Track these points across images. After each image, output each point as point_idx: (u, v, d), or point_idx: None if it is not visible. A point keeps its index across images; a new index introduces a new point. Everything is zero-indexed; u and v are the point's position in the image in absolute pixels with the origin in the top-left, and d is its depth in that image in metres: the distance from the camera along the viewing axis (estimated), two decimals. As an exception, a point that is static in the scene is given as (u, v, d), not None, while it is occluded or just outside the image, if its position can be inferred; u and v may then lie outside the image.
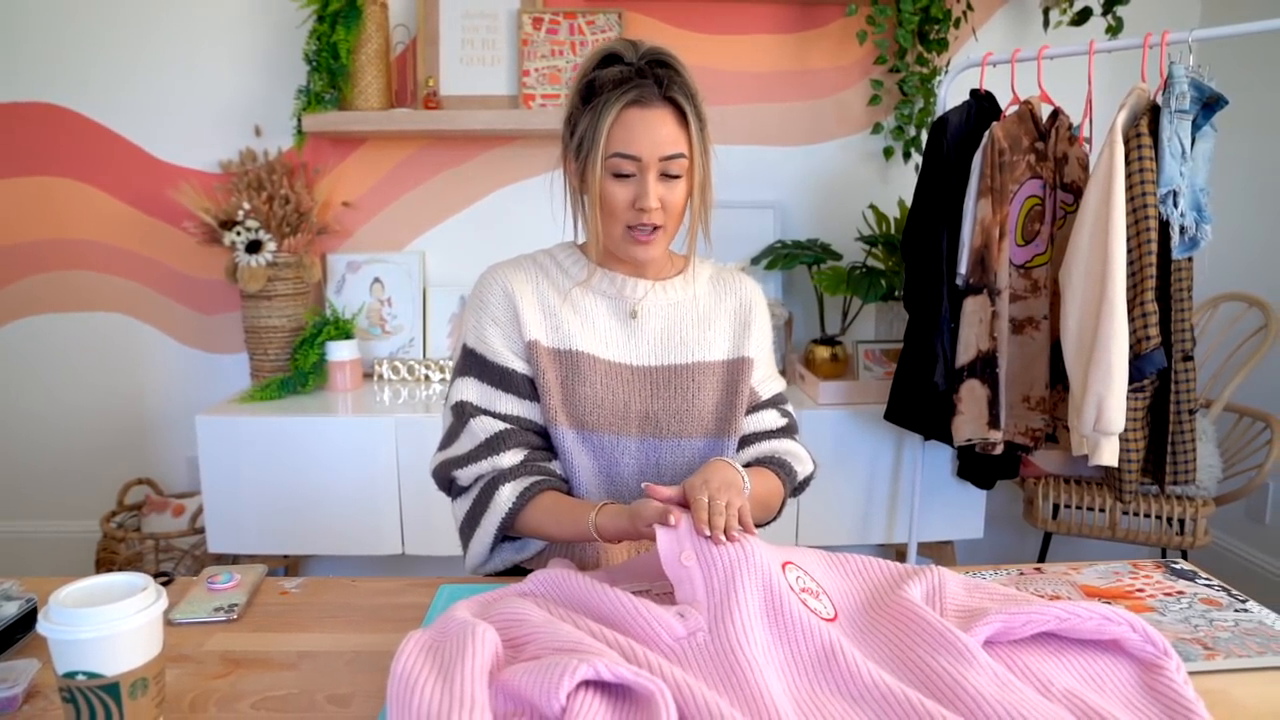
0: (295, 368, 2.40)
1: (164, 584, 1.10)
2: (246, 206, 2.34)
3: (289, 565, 2.62)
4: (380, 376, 2.53)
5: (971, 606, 0.91)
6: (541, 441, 1.20)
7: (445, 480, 1.22)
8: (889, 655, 0.86)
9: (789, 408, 1.31)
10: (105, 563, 2.36)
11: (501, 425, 1.17)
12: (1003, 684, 0.78)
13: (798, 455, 1.26)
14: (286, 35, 2.49)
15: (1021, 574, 1.10)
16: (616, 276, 1.23)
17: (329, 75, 2.38)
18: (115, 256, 2.59)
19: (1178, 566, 1.12)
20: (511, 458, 1.16)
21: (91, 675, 0.71)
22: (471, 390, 1.19)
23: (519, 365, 1.19)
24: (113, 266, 2.59)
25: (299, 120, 2.41)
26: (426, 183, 2.61)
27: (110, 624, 0.70)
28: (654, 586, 1.01)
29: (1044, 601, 0.90)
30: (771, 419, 1.27)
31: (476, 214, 2.63)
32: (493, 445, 1.16)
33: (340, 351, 2.40)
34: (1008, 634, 0.86)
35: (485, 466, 1.16)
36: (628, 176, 1.13)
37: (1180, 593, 1.04)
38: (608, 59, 1.13)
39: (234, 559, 2.36)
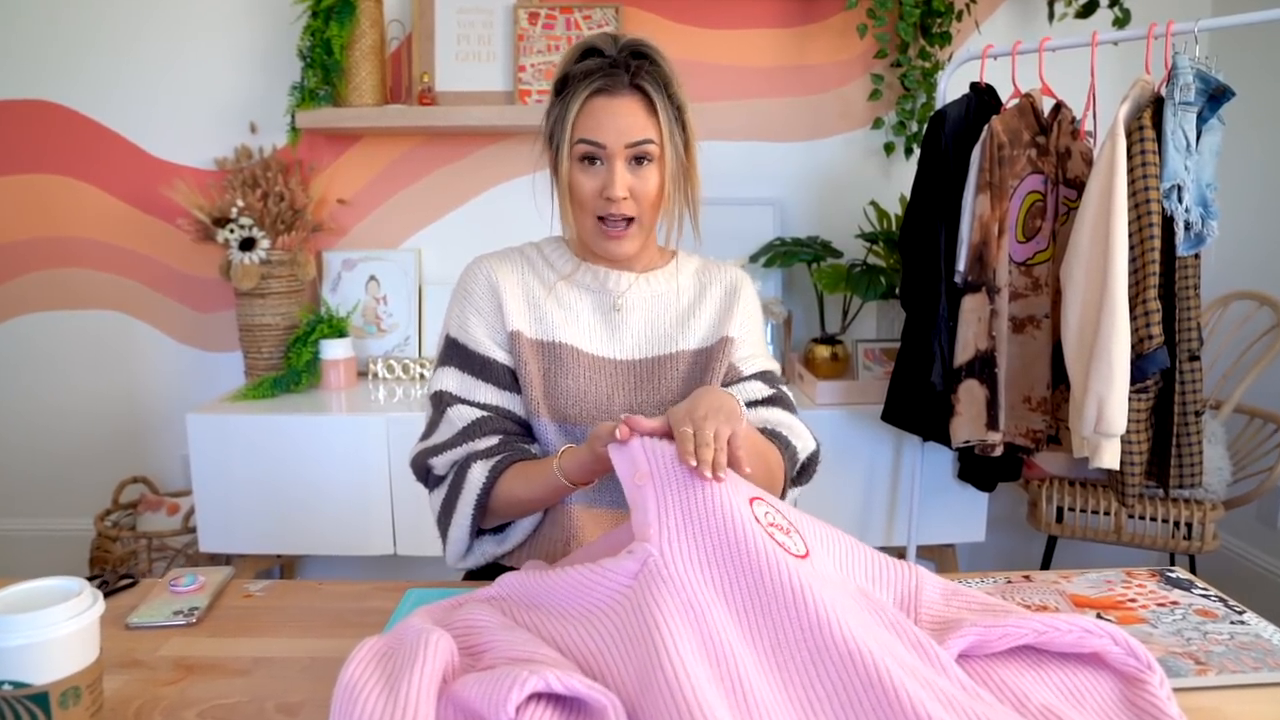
0: (288, 366, 2.38)
1: (127, 586, 1.08)
2: (240, 204, 2.32)
3: (284, 565, 2.60)
4: (375, 375, 2.51)
5: (947, 617, 0.88)
6: (520, 430, 1.19)
7: (422, 469, 1.20)
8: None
9: (782, 386, 1.23)
10: (98, 561, 2.34)
11: (479, 413, 1.16)
12: (974, 698, 0.74)
13: (792, 428, 1.18)
14: (282, 31, 2.47)
15: (1009, 582, 1.06)
16: (600, 270, 1.22)
17: (323, 71, 2.36)
18: (110, 254, 2.58)
19: (1173, 575, 1.08)
20: (486, 441, 1.14)
21: (18, 685, 0.68)
22: (451, 380, 1.19)
23: (500, 355, 1.18)
24: (108, 264, 2.58)
25: (293, 117, 2.39)
26: (422, 180, 2.59)
27: (37, 631, 0.67)
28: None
29: (1023, 612, 0.86)
30: (755, 389, 1.20)
31: (472, 211, 2.60)
32: (469, 433, 1.15)
33: (334, 350, 2.38)
34: (983, 647, 0.82)
35: (461, 453, 1.14)
36: (595, 165, 1.12)
37: (1174, 603, 1.00)
38: (587, 53, 1.13)
39: (227, 559, 2.35)
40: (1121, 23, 2.34)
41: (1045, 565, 2.36)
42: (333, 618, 1.01)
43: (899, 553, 2.44)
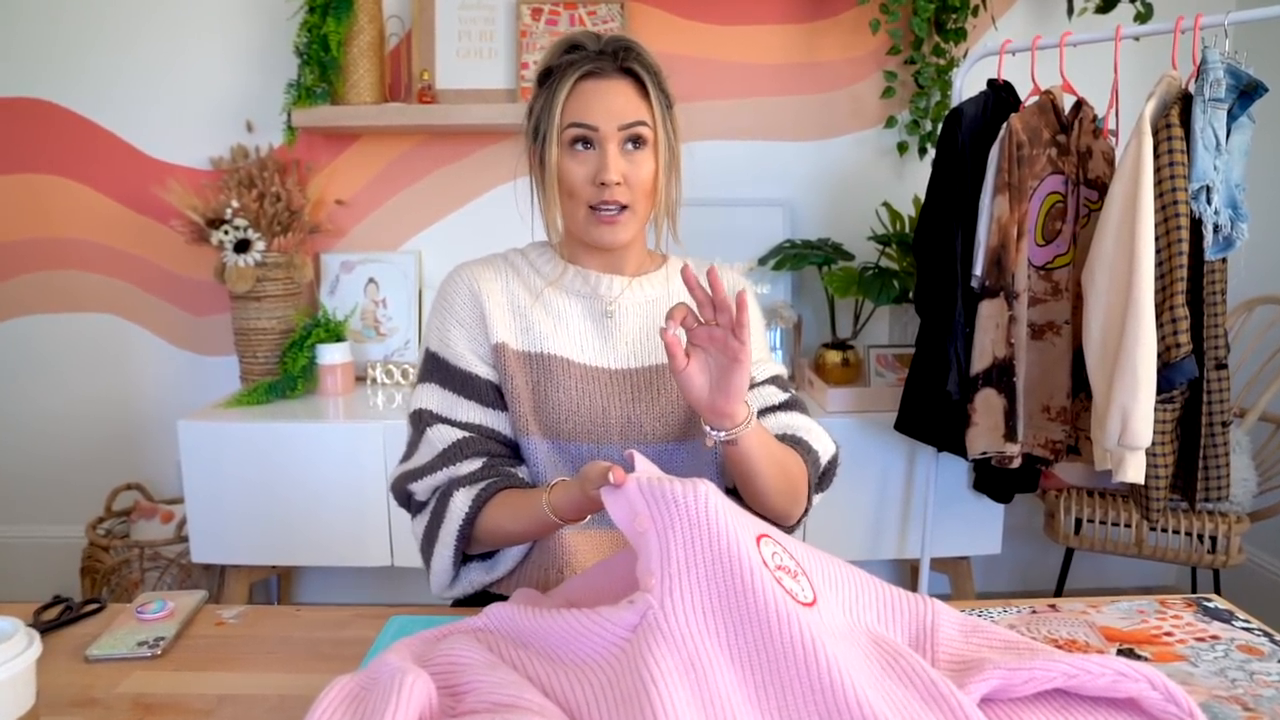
0: (284, 371, 2.32)
1: (94, 611, 1.01)
2: (235, 205, 2.27)
3: (280, 575, 2.55)
4: (374, 380, 2.45)
5: (967, 656, 0.81)
6: (505, 450, 1.12)
7: (403, 494, 1.14)
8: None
9: (793, 389, 1.19)
10: (89, 571, 2.29)
11: (460, 434, 1.08)
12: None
13: (812, 430, 1.13)
14: (279, 27, 2.41)
15: (1034, 612, 0.99)
16: (590, 274, 1.15)
17: (320, 69, 2.30)
18: (104, 256, 2.52)
19: (1211, 605, 1.00)
20: (469, 465, 1.07)
21: (-57, 738, 0.62)
22: (432, 397, 1.12)
23: (483, 370, 1.11)
24: (102, 266, 2.53)
25: (289, 115, 2.33)
26: (422, 180, 2.52)
27: (-39, 681, 0.61)
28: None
29: (1050, 652, 0.79)
30: (771, 393, 1.15)
31: (474, 212, 2.54)
32: (449, 455, 1.08)
33: (330, 355, 2.32)
34: (1007, 691, 0.75)
35: (442, 477, 1.08)
36: (586, 150, 1.06)
37: (1215, 637, 0.92)
38: (570, 50, 1.07)
39: (221, 570, 2.29)
40: (1143, 17, 2.26)
41: (1062, 578, 2.28)
42: (308, 649, 0.94)
43: (913, 565, 2.37)
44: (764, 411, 1.14)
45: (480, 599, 1.13)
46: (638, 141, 1.06)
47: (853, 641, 0.76)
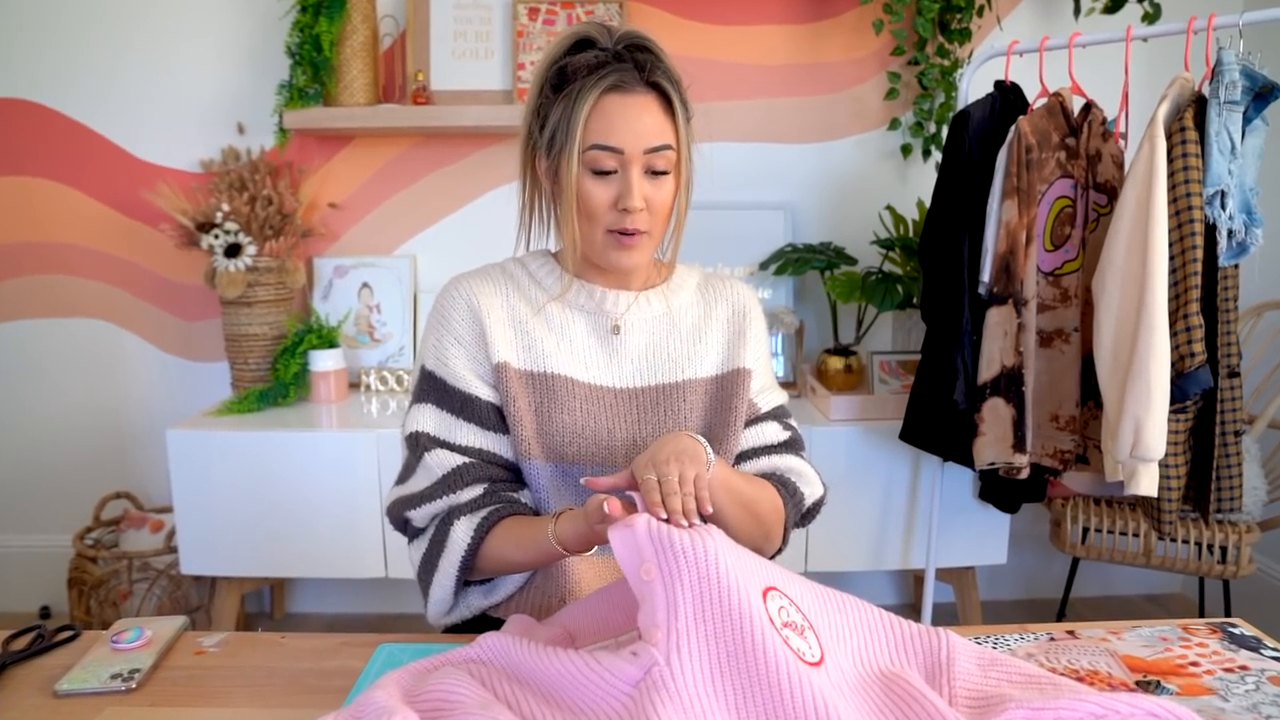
0: (276, 378, 2.27)
1: (67, 640, 0.97)
2: (225, 208, 2.22)
3: (274, 585, 2.50)
4: (368, 387, 2.40)
5: (987, 691, 0.76)
6: (507, 475, 1.07)
7: (400, 520, 1.09)
8: None
9: (793, 422, 1.16)
10: (76, 582, 2.24)
11: (460, 459, 1.03)
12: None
13: (803, 474, 1.11)
14: (270, 27, 2.37)
15: (1053, 639, 0.95)
16: (595, 289, 1.09)
17: (312, 69, 2.26)
18: (94, 260, 2.48)
19: (1237, 632, 0.96)
20: (470, 492, 1.03)
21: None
22: (429, 419, 1.06)
23: (484, 391, 1.06)
24: (92, 270, 2.48)
25: (281, 117, 2.29)
26: (417, 182, 2.48)
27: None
28: (618, 640, 0.87)
29: (1074, 688, 0.75)
30: (772, 432, 1.12)
31: (470, 215, 2.49)
32: (449, 482, 1.02)
33: (323, 361, 2.27)
34: (1033, 733, 0.71)
35: (441, 505, 1.03)
36: (608, 173, 1.00)
37: (1244, 668, 0.88)
38: (580, 44, 1.01)
39: (211, 581, 2.25)
40: (1151, 18, 2.22)
41: (1068, 587, 2.24)
42: (292, 680, 0.90)
43: (917, 575, 2.33)
44: (760, 451, 1.11)
45: (475, 624, 1.08)
46: (662, 169, 1.01)
47: (865, 696, 0.72)
